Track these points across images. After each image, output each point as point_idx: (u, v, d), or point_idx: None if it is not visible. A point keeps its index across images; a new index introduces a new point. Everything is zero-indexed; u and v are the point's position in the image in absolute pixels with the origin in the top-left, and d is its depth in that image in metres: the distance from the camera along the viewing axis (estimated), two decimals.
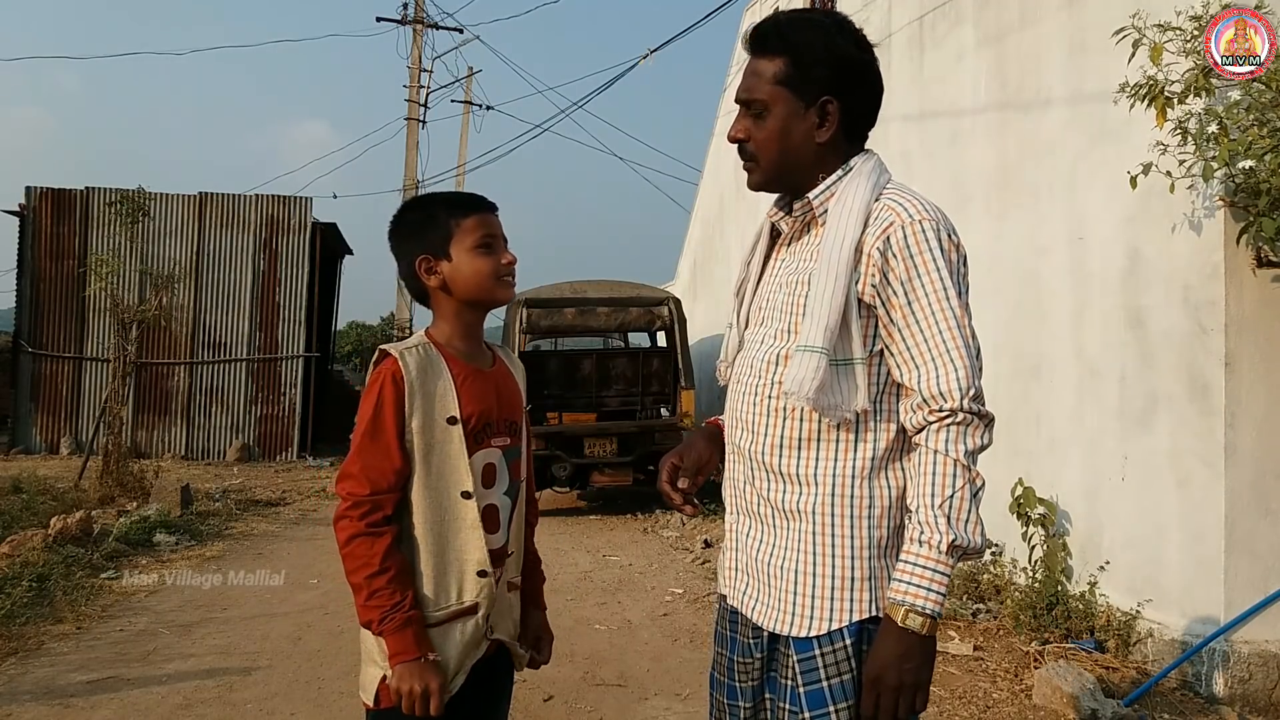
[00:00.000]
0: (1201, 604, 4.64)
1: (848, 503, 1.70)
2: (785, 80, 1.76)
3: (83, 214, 15.76)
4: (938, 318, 1.65)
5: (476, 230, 1.97)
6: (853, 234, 1.68)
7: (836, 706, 1.66)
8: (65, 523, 7.22)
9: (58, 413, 15.65)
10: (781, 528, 1.76)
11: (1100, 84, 5.29)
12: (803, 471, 1.73)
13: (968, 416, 1.62)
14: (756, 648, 1.81)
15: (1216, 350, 4.63)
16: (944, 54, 7.16)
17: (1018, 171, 6.21)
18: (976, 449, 1.64)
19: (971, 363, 1.64)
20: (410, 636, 1.83)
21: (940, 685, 4.72)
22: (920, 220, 1.69)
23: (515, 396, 2.10)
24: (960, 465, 1.61)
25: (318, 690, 4.48)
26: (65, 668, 4.72)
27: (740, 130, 1.81)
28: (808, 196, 1.78)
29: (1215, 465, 4.60)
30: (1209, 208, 4.68)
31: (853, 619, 1.68)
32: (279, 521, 9.55)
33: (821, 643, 1.69)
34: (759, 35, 1.80)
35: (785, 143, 1.78)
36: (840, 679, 1.67)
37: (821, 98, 1.76)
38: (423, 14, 19.96)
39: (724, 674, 1.90)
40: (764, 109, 1.78)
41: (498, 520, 1.99)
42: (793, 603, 1.72)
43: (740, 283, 1.96)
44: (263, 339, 16.18)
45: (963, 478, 1.61)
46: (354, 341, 44.74)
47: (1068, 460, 5.60)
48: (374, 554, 1.84)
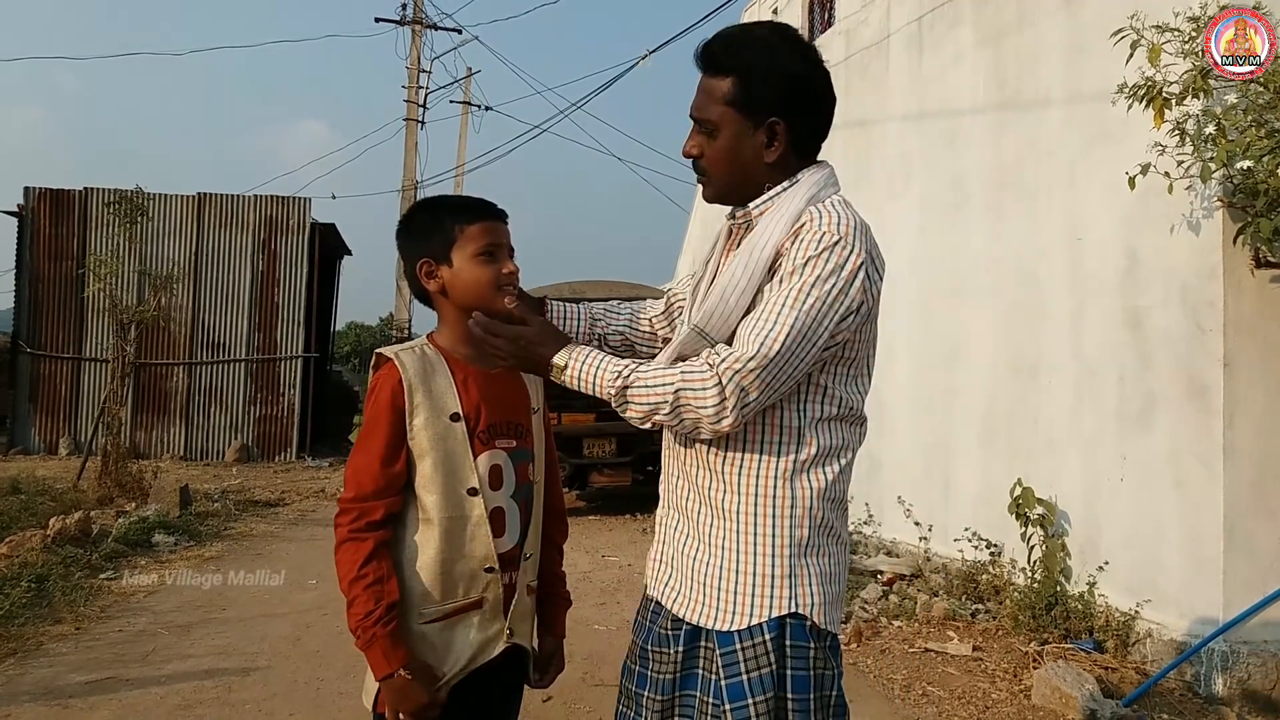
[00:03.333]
0: (1200, 604, 4.65)
1: (771, 503, 1.75)
2: (733, 101, 1.78)
3: (81, 214, 15.76)
4: (782, 308, 1.64)
5: (480, 238, 1.96)
6: (776, 239, 1.72)
7: (755, 699, 1.70)
8: (64, 523, 7.21)
9: (56, 413, 15.65)
10: (708, 525, 1.81)
11: (1098, 85, 5.29)
12: (729, 471, 1.77)
13: (721, 389, 1.63)
14: (675, 640, 1.83)
15: (1215, 350, 4.63)
16: (942, 55, 7.17)
17: (1016, 172, 6.22)
18: (686, 411, 1.66)
19: (769, 356, 1.62)
20: (378, 652, 1.82)
21: (939, 685, 4.72)
22: (826, 232, 1.68)
23: (522, 399, 2.07)
24: (672, 399, 1.66)
25: (316, 691, 4.48)
26: (64, 668, 4.71)
27: (693, 146, 1.85)
28: (748, 206, 1.84)
29: (1214, 465, 4.61)
30: (1207, 208, 4.69)
31: (773, 614, 1.73)
32: (278, 522, 9.55)
33: (742, 637, 1.73)
34: (708, 54, 1.82)
35: (735, 161, 1.82)
36: (760, 673, 1.71)
37: (769, 119, 1.78)
38: (421, 15, 19.97)
39: (635, 662, 1.93)
40: (714, 128, 1.81)
41: (504, 523, 1.98)
42: (717, 597, 1.77)
43: (697, 281, 1.99)
44: (262, 339, 16.17)
45: (661, 397, 1.67)
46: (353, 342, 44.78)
47: (1066, 461, 5.60)
48: (355, 560, 1.85)
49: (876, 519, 7.75)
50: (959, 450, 6.71)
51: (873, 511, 7.79)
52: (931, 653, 5.19)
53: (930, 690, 4.68)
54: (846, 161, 8.49)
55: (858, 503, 8.00)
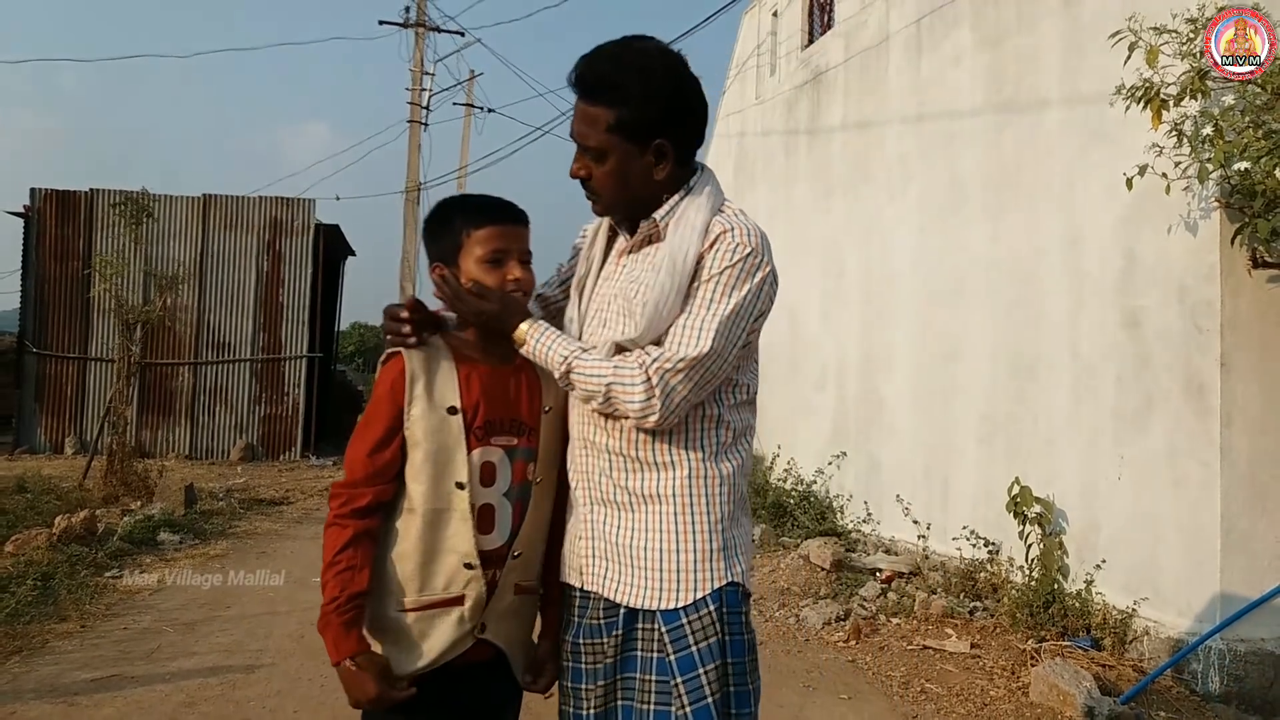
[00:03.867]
0: (1197, 602, 4.67)
1: (702, 483, 1.87)
2: (616, 129, 1.83)
3: (87, 215, 15.80)
4: (706, 313, 1.78)
5: (485, 244, 1.95)
6: (695, 249, 1.81)
7: (705, 668, 1.80)
8: (70, 522, 7.25)
9: (62, 413, 15.69)
10: (641, 511, 1.88)
11: (1096, 86, 5.32)
12: (661, 458, 1.86)
13: (650, 387, 1.75)
14: (610, 628, 1.89)
15: (1212, 350, 4.66)
16: (941, 56, 7.19)
17: (1015, 173, 6.24)
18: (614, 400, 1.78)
19: (696, 357, 1.75)
20: (330, 639, 1.86)
21: (937, 683, 4.75)
22: (739, 244, 1.80)
23: (532, 399, 2.03)
24: (605, 388, 1.78)
25: (320, 688, 4.51)
26: (69, 666, 4.75)
27: (580, 169, 1.91)
28: (654, 216, 1.89)
29: (1211, 464, 4.63)
30: (1205, 209, 4.71)
31: (714, 586, 1.84)
32: (282, 520, 9.58)
33: (688, 611, 1.83)
34: (585, 84, 1.86)
35: (624, 181, 1.88)
36: (708, 642, 1.82)
37: (655, 140, 1.84)
38: (424, 17, 19.98)
39: (568, 659, 1.98)
40: (600, 154, 1.86)
41: (493, 520, 1.96)
42: (659, 579, 1.85)
43: (581, 278, 2.04)
44: (266, 339, 16.21)
45: (597, 384, 1.78)
46: (357, 342, 44.82)
47: (1064, 459, 5.63)
48: (334, 545, 1.88)
49: (875, 517, 7.77)
50: (958, 449, 6.74)
51: (871, 510, 7.82)
52: (930, 650, 5.22)
53: (928, 687, 4.71)
54: (845, 163, 8.52)
55: (856, 501, 8.03)
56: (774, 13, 10.47)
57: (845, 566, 6.85)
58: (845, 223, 8.49)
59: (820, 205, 8.96)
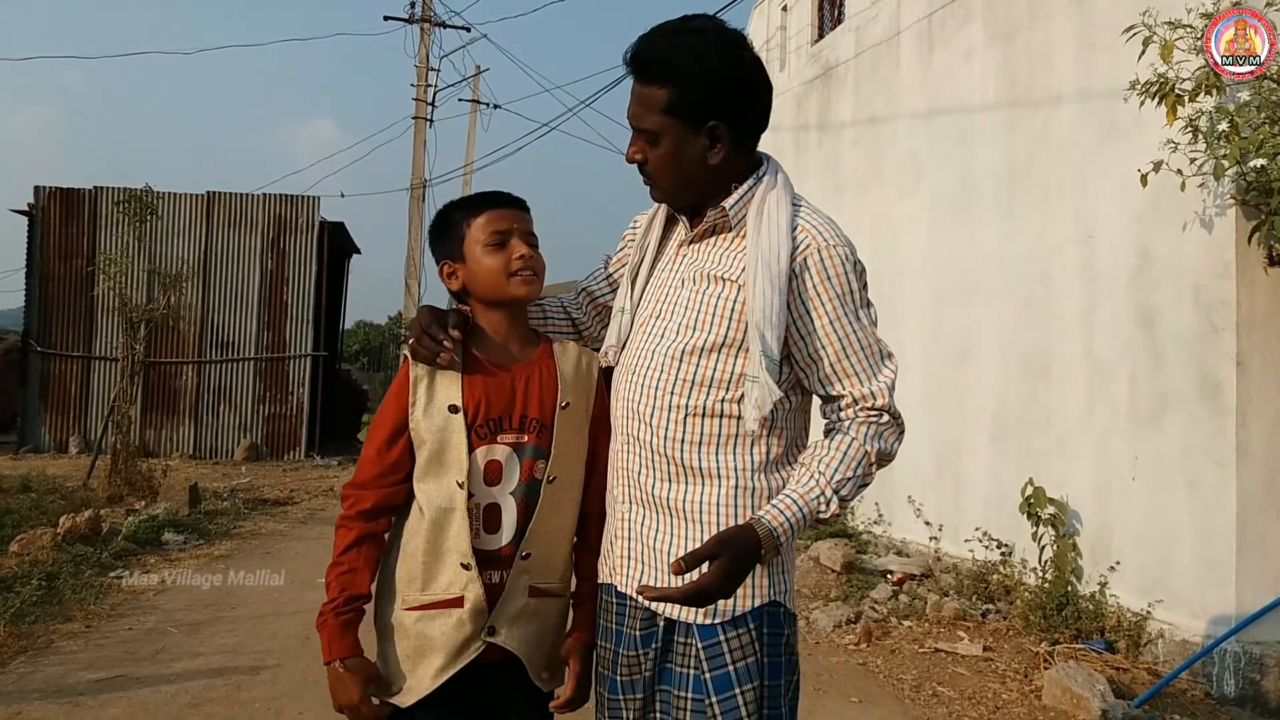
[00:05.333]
0: (1213, 605, 4.62)
1: (749, 495, 1.76)
2: (670, 109, 1.76)
3: (91, 213, 15.80)
4: (859, 333, 1.76)
5: (486, 227, 1.95)
6: (786, 250, 1.73)
7: (742, 688, 1.71)
8: (74, 521, 7.23)
9: (66, 412, 15.69)
10: (681, 518, 1.79)
11: (1110, 82, 5.27)
12: (706, 465, 1.77)
13: (890, 419, 1.76)
14: (649, 640, 1.81)
15: (1228, 349, 4.61)
16: (952, 52, 7.14)
17: (1027, 170, 6.19)
18: (886, 453, 1.76)
19: (891, 370, 1.79)
20: (324, 638, 1.88)
21: (949, 686, 4.70)
22: (834, 245, 1.75)
23: (545, 395, 1.99)
24: (869, 459, 1.73)
25: (325, 689, 4.47)
26: (74, 666, 4.72)
27: (636, 152, 1.84)
28: (723, 205, 1.82)
29: (1226, 465, 4.58)
30: (1220, 206, 4.66)
31: (755, 603, 1.75)
32: (287, 520, 9.56)
33: (726, 629, 1.74)
34: (640, 63, 1.79)
35: (680, 167, 1.81)
36: (745, 662, 1.73)
37: (709, 123, 1.77)
38: (430, 13, 19.98)
39: (607, 668, 1.90)
40: (654, 136, 1.80)
41: (499, 520, 1.93)
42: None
43: (635, 266, 1.98)
44: (270, 338, 16.20)
45: (864, 468, 1.73)
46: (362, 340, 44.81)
47: (1078, 460, 5.58)
48: (338, 546, 1.91)
49: (886, 518, 7.72)
50: (970, 450, 6.69)
51: (883, 511, 7.77)
52: (942, 653, 5.17)
53: (940, 690, 4.66)
54: (856, 159, 8.47)
55: (867, 502, 7.98)
56: (783, 7, 10.41)
57: (856, 568, 6.81)
58: (855, 220, 8.42)
59: (830, 202, 8.90)
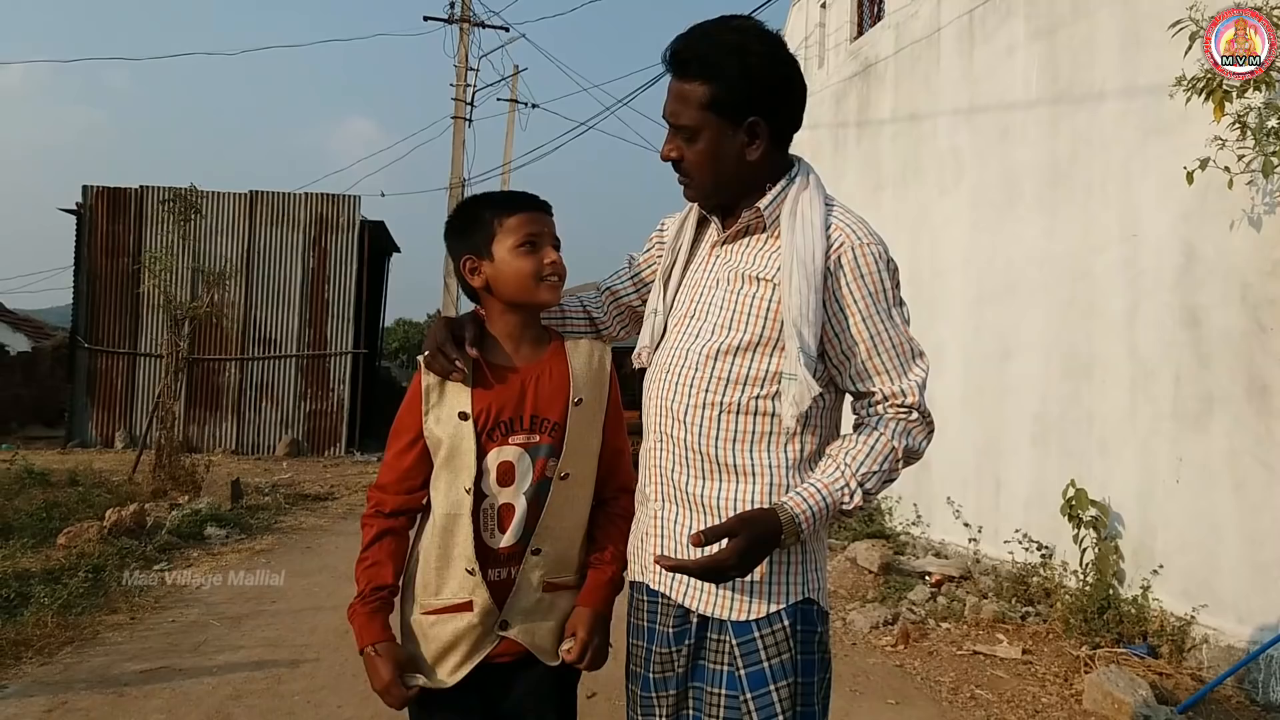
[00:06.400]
0: (1259, 610, 4.53)
1: (783, 492, 1.75)
2: (709, 106, 1.76)
3: (137, 212, 16.08)
4: (891, 331, 1.77)
5: (519, 229, 1.95)
6: (821, 249, 1.74)
7: (777, 685, 1.72)
8: (120, 515, 7.38)
9: (113, 407, 15.98)
10: (715, 515, 1.78)
11: (1155, 77, 5.19)
12: (741, 462, 1.77)
13: (920, 417, 1.80)
14: (682, 637, 1.82)
15: (1276, 350, 4.52)
16: (994, 48, 7.06)
17: (1069, 167, 6.11)
18: (914, 451, 1.80)
19: (922, 369, 1.81)
20: (356, 627, 1.95)
21: (988, 689, 4.66)
22: (867, 244, 1.76)
23: (554, 394, 2.00)
24: (895, 455, 1.77)
25: (364, 683, 4.48)
26: (119, 657, 4.81)
27: (672, 150, 1.84)
28: (758, 205, 1.82)
29: (1274, 467, 4.49)
30: (1269, 204, 4.57)
31: (790, 600, 1.76)
32: (327, 516, 9.67)
33: (761, 625, 1.74)
34: (679, 60, 1.79)
35: (717, 164, 1.81)
36: (780, 659, 1.73)
37: (749, 119, 1.77)
38: (469, 13, 20.08)
39: (640, 666, 1.91)
40: (692, 133, 1.80)
41: (510, 519, 1.96)
42: (732, 588, 1.76)
43: (667, 267, 1.98)
44: (312, 335, 16.38)
45: (890, 463, 1.76)
46: (401, 339, 45.11)
47: (1120, 462, 5.49)
48: (363, 543, 2.01)
49: (925, 519, 7.66)
50: (1010, 450, 6.61)
51: (921, 512, 7.70)
52: (980, 655, 5.12)
53: (979, 693, 4.61)
54: (896, 156, 8.40)
55: (906, 503, 7.92)
56: (822, 4, 10.35)
57: (893, 569, 6.76)
58: (895, 217, 8.36)
59: (869, 199, 8.83)
